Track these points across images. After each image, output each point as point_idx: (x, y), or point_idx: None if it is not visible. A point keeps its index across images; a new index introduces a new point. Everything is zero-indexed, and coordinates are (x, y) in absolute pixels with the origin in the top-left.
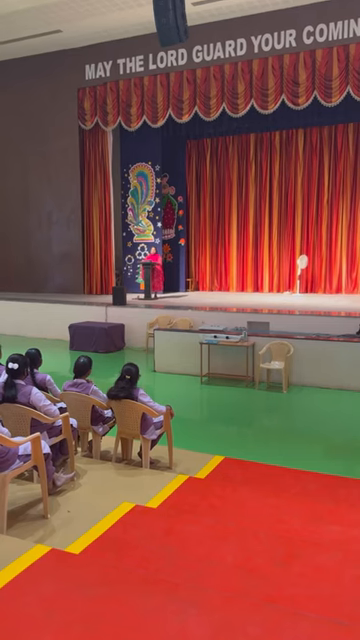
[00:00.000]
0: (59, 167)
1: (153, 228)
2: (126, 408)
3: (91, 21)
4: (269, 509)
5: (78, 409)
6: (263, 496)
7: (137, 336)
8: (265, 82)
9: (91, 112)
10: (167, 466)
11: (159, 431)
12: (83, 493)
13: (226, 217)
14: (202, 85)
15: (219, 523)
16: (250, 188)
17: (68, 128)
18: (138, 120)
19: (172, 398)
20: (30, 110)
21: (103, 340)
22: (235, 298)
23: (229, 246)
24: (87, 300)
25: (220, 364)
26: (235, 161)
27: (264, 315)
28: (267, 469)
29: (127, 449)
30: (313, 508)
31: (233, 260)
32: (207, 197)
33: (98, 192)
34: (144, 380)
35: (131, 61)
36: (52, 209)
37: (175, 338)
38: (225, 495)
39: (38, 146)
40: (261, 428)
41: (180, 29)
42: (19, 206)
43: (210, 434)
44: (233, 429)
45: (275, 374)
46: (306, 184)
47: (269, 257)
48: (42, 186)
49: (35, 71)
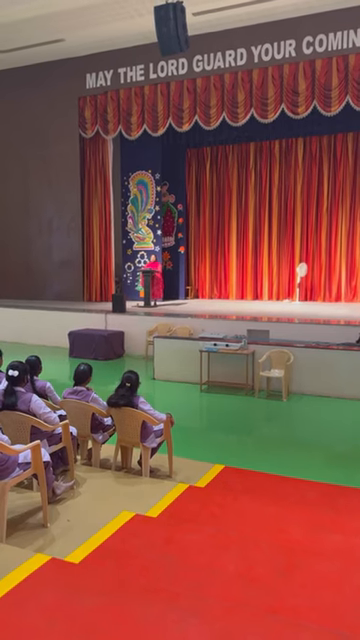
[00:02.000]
0: (60, 175)
1: (153, 236)
2: (126, 416)
3: (92, 30)
4: (270, 518)
5: (78, 417)
6: (263, 505)
7: (137, 344)
8: (265, 91)
9: (92, 120)
10: (167, 474)
11: (159, 439)
12: (83, 502)
13: (226, 225)
14: (202, 94)
15: (220, 532)
16: (250, 196)
17: (69, 136)
18: (138, 129)
19: (172, 406)
20: (31, 118)
21: (103, 347)
22: (235, 306)
23: (229, 254)
24: (87, 307)
25: (220, 372)
26: (235, 169)
27: (264, 323)
28: (267, 478)
29: (127, 457)
30: (314, 517)
31: (233, 268)
32: (207, 205)
33: (98, 200)
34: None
35: (132, 70)
36: (52, 216)
37: (175, 346)
38: (225, 504)
39: (39, 154)
40: (261, 437)
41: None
42: (19, 213)
43: (210, 442)
44: (233, 437)
45: (275, 382)
46: (305, 192)
47: (269, 265)
48: (42, 193)
49: (36, 79)
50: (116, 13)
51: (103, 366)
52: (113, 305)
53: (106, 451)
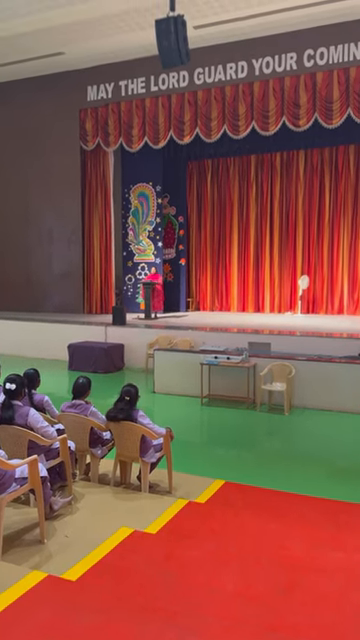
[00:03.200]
0: (60, 187)
1: (154, 248)
2: (125, 430)
3: (94, 43)
4: (271, 535)
5: (76, 431)
6: (264, 521)
7: (137, 356)
8: (266, 104)
9: (93, 133)
10: (167, 490)
11: (159, 454)
12: (81, 517)
13: (227, 237)
14: (203, 107)
15: (219, 549)
16: (251, 209)
17: (70, 148)
18: (139, 141)
19: (172, 420)
20: (32, 130)
21: (102, 360)
22: (236, 318)
23: (230, 266)
24: (86, 320)
25: (221, 385)
26: (236, 182)
27: (265, 336)
28: (269, 494)
29: (126, 472)
30: (315, 534)
31: (234, 280)
32: (208, 217)
33: (99, 212)
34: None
35: (133, 82)
36: (52, 228)
37: (175, 359)
38: (226, 520)
39: (39, 166)
40: (262, 451)
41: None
42: (19, 224)
43: (211, 457)
44: (234, 452)
45: (277, 396)
46: (307, 205)
47: (270, 277)
48: (43, 205)
49: (37, 91)
50: (117, 26)
51: (102, 379)
52: (113, 317)
53: (105, 466)
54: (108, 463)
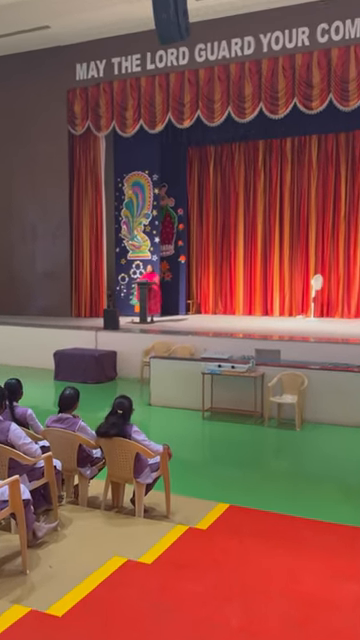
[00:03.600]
0: (46, 176)
1: (150, 244)
2: (117, 447)
3: (83, 16)
4: (280, 565)
5: (63, 448)
6: (273, 550)
7: (131, 365)
8: (275, 84)
9: (82, 115)
10: (164, 515)
11: (155, 474)
12: (67, 545)
13: (232, 232)
14: (205, 87)
15: (222, 581)
16: (258, 200)
17: (56, 133)
18: (134, 125)
19: (170, 436)
20: (15, 113)
21: (92, 369)
22: (242, 323)
23: (235, 264)
24: (75, 324)
25: (225, 397)
26: (242, 170)
27: (274, 342)
28: (278, 519)
29: (118, 495)
30: (330, 563)
31: (239, 280)
32: (210, 210)
33: (89, 203)
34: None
35: (127, 60)
36: (37, 221)
37: (174, 367)
38: (230, 549)
39: (23, 153)
40: (271, 471)
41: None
42: (0, 218)
43: (213, 478)
44: (239, 472)
45: (287, 409)
46: (321, 196)
47: (280, 277)
48: (26, 196)
49: (20, 70)
50: None
51: (92, 390)
52: (105, 321)
53: (95, 488)
54: (98, 484)
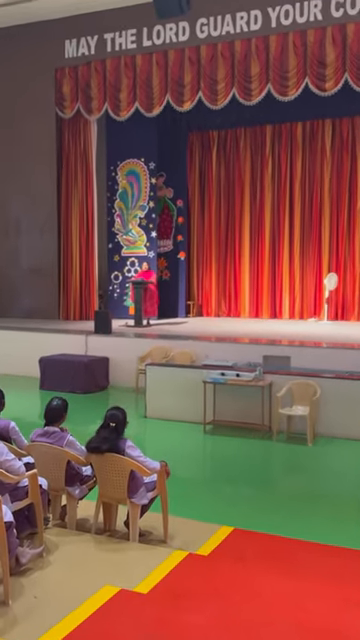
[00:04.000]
0: (31, 164)
1: (146, 239)
2: (110, 464)
3: None
4: (289, 593)
5: (49, 465)
6: (282, 577)
7: (125, 373)
8: (285, 63)
9: (71, 97)
10: (161, 539)
11: (151, 494)
12: (54, 573)
13: (236, 226)
14: (207, 66)
15: (225, 612)
16: (266, 191)
17: (43, 116)
18: (129, 107)
19: (168, 452)
20: None
21: (82, 377)
22: (247, 326)
23: (240, 262)
24: (63, 327)
25: (228, 409)
26: (247, 158)
27: (284, 347)
28: (287, 543)
29: (110, 517)
30: (343, 592)
31: (245, 279)
32: (213, 201)
33: (79, 194)
34: (133, 428)
35: (121, 36)
36: (21, 214)
37: (172, 376)
38: (234, 576)
39: (6, 138)
40: (280, 491)
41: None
42: None
43: (216, 498)
44: (245, 492)
45: (298, 422)
46: (335, 186)
47: (290, 276)
48: (9, 186)
49: (3, 47)
50: None
51: (82, 401)
52: (96, 324)
53: (84, 509)
54: (89, 505)
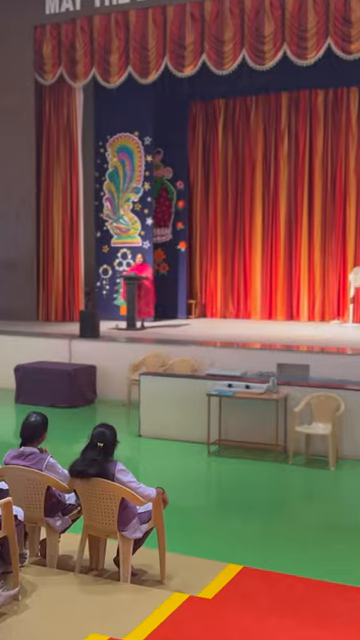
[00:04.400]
0: (6, 138)
1: (140, 226)
2: (97, 491)
3: None
4: None
5: (26, 492)
6: (299, 625)
7: (115, 384)
8: (303, 21)
9: (53, 60)
10: (157, 579)
11: (146, 526)
12: (31, 619)
13: (247, 212)
14: (213, 24)
15: None
16: (281, 171)
17: (20, 82)
18: (121, 73)
19: (166, 477)
20: None
21: (65, 389)
22: (259, 329)
23: (251, 253)
24: (42, 330)
25: (237, 426)
26: (260, 132)
27: (302, 354)
28: (306, 585)
29: (98, 553)
30: None
31: (256, 274)
32: (219, 183)
33: (62, 174)
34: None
35: None
36: None
37: (171, 387)
38: (243, 624)
39: None
40: (297, 523)
41: None
42: None
43: (222, 531)
44: (256, 524)
45: (318, 442)
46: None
47: (309, 270)
48: None
49: None
50: None
51: (65, 417)
52: (81, 327)
53: (67, 544)
54: (72, 539)
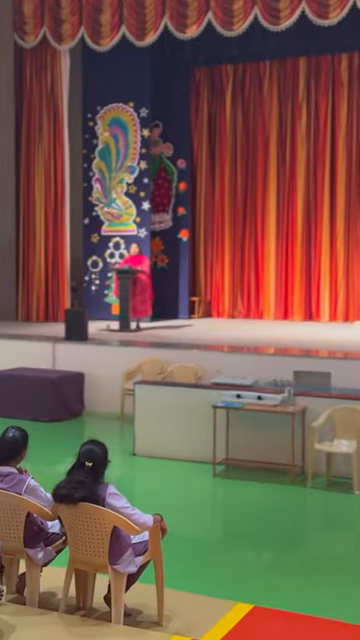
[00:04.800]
0: None
1: (136, 212)
2: (85, 518)
3: None
4: None
5: (3, 519)
6: None
7: (105, 394)
8: None
9: (35, 19)
10: (155, 620)
11: (141, 559)
12: None
13: (258, 195)
14: None
15: None
16: (299, 147)
17: None
18: (113, 34)
19: (164, 502)
20: None
21: (48, 400)
22: (273, 331)
23: (263, 243)
24: (22, 332)
25: (247, 444)
26: (274, 102)
27: (322, 360)
28: (324, 627)
29: (86, 590)
30: None
31: (270, 267)
32: (227, 162)
33: (44, 151)
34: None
35: None
36: None
37: (170, 398)
38: None
39: None
40: (316, 556)
41: None
42: None
43: (229, 565)
44: (268, 557)
45: (341, 462)
46: None
47: (330, 263)
48: None
49: None
50: None
51: (48, 432)
52: (67, 328)
53: (51, 578)
54: (56, 574)
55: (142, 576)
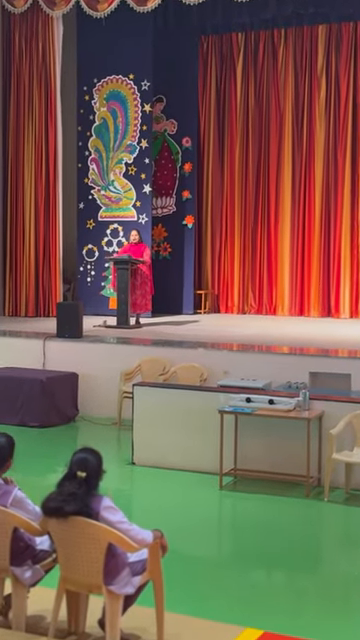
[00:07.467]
0: None
1: (136, 195)
2: (78, 534)
3: None
4: None
5: None
6: None
7: (101, 397)
8: None
9: None
10: None
11: (139, 579)
12: None
13: (272, 177)
14: None
15: None
16: (317, 124)
17: None
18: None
19: (165, 516)
20: None
21: (38, 403)
22: (287, 328)
23: (277, 232)
24: (9, 327)
25: (257, 453)
26: (290, 75)
27: (341, 361)
28: None
29: (78, 612)
30: None
31: (284, 258)
32: (237, 140)
33: (35, 128)
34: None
35: None
36: None
37: (173, 402)
38: None
39: None
40: (333, 577)
41: None
42: None
43: (237, 586)
44: (280, 578)
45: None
46: None
47: (351, 254)
48: None
49: None
50: None
51: (37, 439)
52: (59, 324)
53: (39, 600)
54: (46, 595)
55: (140, 598)
